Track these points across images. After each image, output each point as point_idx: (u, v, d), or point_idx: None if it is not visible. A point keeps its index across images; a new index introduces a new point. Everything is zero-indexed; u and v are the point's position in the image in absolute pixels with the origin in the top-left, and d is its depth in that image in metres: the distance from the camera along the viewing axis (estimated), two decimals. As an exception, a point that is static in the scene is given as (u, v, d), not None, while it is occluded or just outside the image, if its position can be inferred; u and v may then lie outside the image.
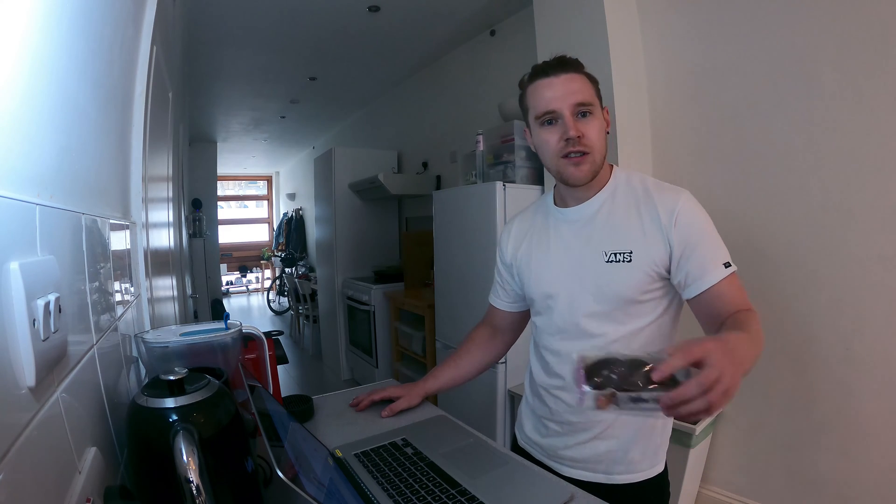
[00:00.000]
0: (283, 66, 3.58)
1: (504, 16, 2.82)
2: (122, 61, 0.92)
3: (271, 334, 1.04)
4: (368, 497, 0.68)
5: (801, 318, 1.60)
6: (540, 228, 0.98)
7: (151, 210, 1.21)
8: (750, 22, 1.67)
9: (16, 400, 0.36)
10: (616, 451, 0.89)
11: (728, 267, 0.82)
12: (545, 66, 0.86)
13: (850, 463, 1.51)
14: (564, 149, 0.84)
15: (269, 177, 9.70)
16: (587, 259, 0.88)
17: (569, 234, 0.92)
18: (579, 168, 0.84)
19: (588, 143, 0.83)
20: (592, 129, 0.84)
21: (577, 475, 0.91)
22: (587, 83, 0.86)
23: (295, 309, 5.74)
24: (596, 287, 0.86)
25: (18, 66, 0.42)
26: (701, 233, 0.83)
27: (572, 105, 0.83)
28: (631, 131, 1.89)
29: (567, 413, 0.92)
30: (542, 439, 0.97)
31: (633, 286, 0.84)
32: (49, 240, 0.45)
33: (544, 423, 0.96)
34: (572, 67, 0.85)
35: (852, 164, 1.47)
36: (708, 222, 0.85)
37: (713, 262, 0.81)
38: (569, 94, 0.83)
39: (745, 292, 0.82)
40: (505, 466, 0.80)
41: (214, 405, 0.57)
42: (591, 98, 0.85)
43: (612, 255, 0.85)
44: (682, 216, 0.83)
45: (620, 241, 0.85)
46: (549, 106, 0.84)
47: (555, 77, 0.84)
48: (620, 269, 0.84)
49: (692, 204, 0.85)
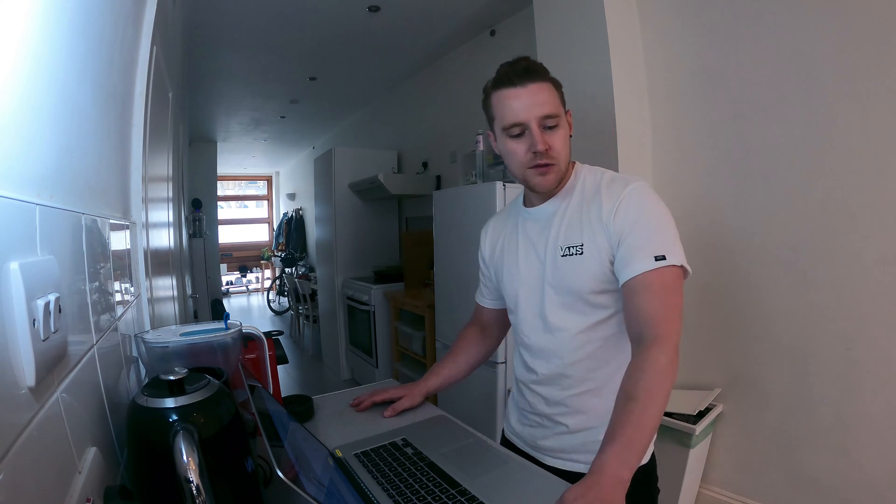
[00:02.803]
0: (283, 66, 3.58)
1: (504, 16, 2.82)
2: (122, 61, 0.92)
3: (271, 334, 1.04)
4: (368, 497, 0.68)
5: (801, 318, 1.60)
6: (511, 229, 1.02)
7: (151, 210, 1.21)
8: (750, 22, 1.67)
9: (16, 400, 0.36)
10: (591, 442, 0.88)
11: (661, 260, 0.78)
12: (511, 73, 0.85)
13: (850, 463, 1.50)
14: (532, 161, 0.86)
15: (269, 177, 9.70)
16: (548, 254, 0.91)
17: (534, 232, 0.96)
18: (545, 178, 0.88)
19: (554, 154, 0.86)
20: (558, 139, 0.86)
21: (559, 465, 0.93)
22: (553, 92, 0.86)
23: (295, 309, 5.74)
24: (556, 279, 0.90)
25: (18, 65, 0.42)
26: (637, 221, 0.82)
27: (539, 118, 0.84)
28: (631, 131, 1.89)
29: (542, 406, 0.95)
30: (524, 430, 1.00)
31: (587, 278, 0.86)
32: (49, 240, 0.45)
33: (526, 416, 1.00)
34: (539, 76, 0.85)
35: (852, 164, 1.47)
36: (655, 212, 0.83)
37: (643, 251, 0.79)
38: (536, 107, 0.83)
39: (675, 297, 0.78)
40: (505, 466, 0.80)
41: (214, 405, 0.57)
42: (557, 108, 0.86)
43: (566, 249, 0.89)
44: (623, 205, 0.84)
45: (573, 235, 0.88)
46: (517, 118, 0.84)
47: (521, 88, 0.84)
48: (574, 261, 0.87)
49: (638, 193, 0.84)
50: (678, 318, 0.78)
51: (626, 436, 0.66)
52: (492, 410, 2.10)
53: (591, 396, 0.90)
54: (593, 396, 0.90)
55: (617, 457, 0.64)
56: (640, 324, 0.78)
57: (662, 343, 0.74)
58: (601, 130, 1.85)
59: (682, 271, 0.81)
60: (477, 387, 2.15)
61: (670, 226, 0.83)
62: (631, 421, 0.68)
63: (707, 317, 1.84)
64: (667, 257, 0.78)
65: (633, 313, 0.80)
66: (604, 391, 0.88)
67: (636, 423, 0.68)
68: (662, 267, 0.78)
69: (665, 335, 0.75)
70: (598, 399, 0.89)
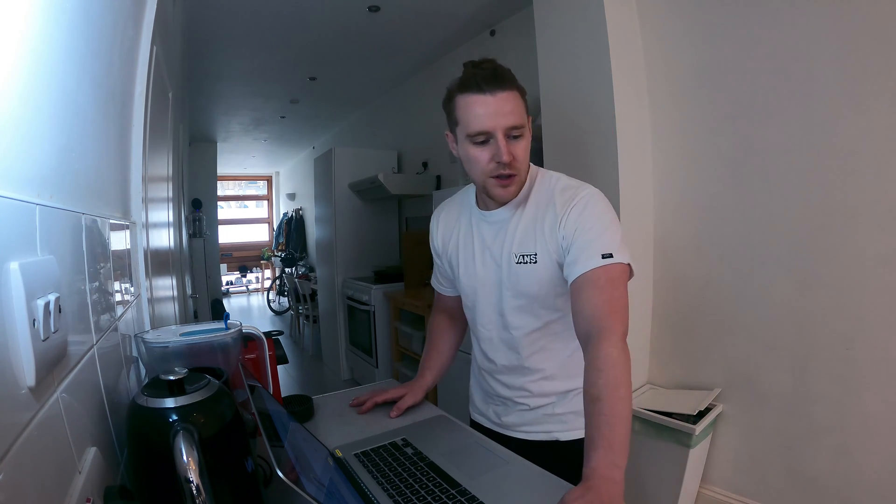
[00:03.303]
0: (283, 66, 3.57)
1: (504, 16, 2.82)
2: (122, 61, 0.92)
3: (271, 334, 1.04)
4: (368, 497, 0.68)
5: (801, 318, 1.60)
6: (465, 226, 1.03)
7: (151, 210, 1.21)
8: (750, 22, 1.67)
9: (16, 400, 0.36)
10: (549, 415, 0.98)
11: (608, 258, 0.80)
12: (479, 78, 0.82)
13: (850, 463, 1.51)
14: (495, 170, 0.86)
15: (269, 177, 9.69)
16: (503, 260, 0.94)
17: (489, 235, 0.97)
18: (507, 189, 0.89)
19: (518, 165, 0.86)
20: (522, 149, 0.86)
21: (522, 436, 1.00)
22: (519, 100, 0.85)
23: (295, 309, 5.74)
24: (511, 285, 0.93)
25: (18, 65, 0.42)
26: (584, 225, 0.84)
27: (506, 128, 0.83)
28: (631, 132, 1.89)
29: (503, 390, 1.02)
30: (489, 409, 1.07)
31: (541, 284, 0.90)
32: (49, 240, 0.45)
33: (490, 397, 1.06)
34: (507, 83, 0.83)
35: (852, 164, 1.46)
36: (603, 215, 0.85)
37: (590, 250, 0.82)
38: (502, 116, 0.82)
39: (620, 290, 0.80)
40: (505, 466, 0.80)
41: (214, 405, 0.57)
42: (522, 118, 0.85)
43: (520, 258, 0.92)
44: (573, 211, 0.86)
45: (527, 244, 0.91)
46: (483, 127, 0.83)
47: (490, 95, 0.82)
48: (528, 269, 0.91)
49: (587, 199, 0.86)
50: (624, 310, 0.80)
51: (604, 438, 0.68)
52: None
53: (547, 381, 0.96)
54: (549, 381, 0.96)
55: (603, 460, 0.66)
56: (588, 319, 0.79)
57: (609, 336, 0.76)
58: (601, 131, 1.85)
59: (628, 270, 0.83)
60: (477, 387, 2.15)
61: (616, 229, 0.85)
62: (603, 422, 0.69)
63: (707, 317, 1.84)
64: (614, 255, 0.81)
65: (579, 309, 0.81)
66: (559, 375, 0.96)
67: (608, 422, 0.69)
68: (609, 264, 0.80)
69: (611, 327, 0.77)
70: (554, 382, 0.96)
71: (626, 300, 0.81)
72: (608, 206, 0.88)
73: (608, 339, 0.75)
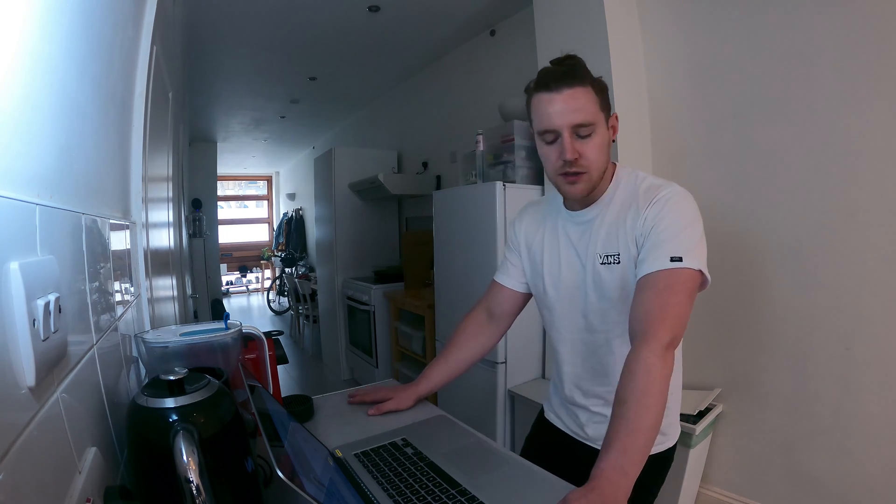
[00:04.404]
0: (283, 66, 3.57)
1: (504, 16, 2.82)
2: (122, 61, 0.92)
3: (271, 334, 1.04)
4: (368, 497, 0.68)
5: (801, 318, 1.60)
6: (552, 227, 1.01)
7: (151, 210, 1.21)
8: (750, 21, 1.67)
9: (16, 400, 0.36)
10: None
11: (676, 261, 0.77)
12: (550, 75, 0.83)
13: (850, 463, 1.51)
14: (562, 168, 0.85)
15: (269, 177, 9.69)
16: (588, 260, 0.93)
17: (575, 235, 0.96)
18: (574, 187, 0.87)
19: (585, 163, 0.84)
20: (591, 148, 0.84)
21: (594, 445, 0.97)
22: (591, 97, 0.83)
23: (295, 309, 5.73)
24: (595, 285, 0.91)
25: (18, 65, 0.42)
26: (660, 224, 0.82)
27: (571, 125, 0.82)
28: (631, 131, 1.89)
29: (579, 397, 0.99)
30: (568, 417, 1.04)
31: (624, 285, 0.88)
32: (49, 240, 0.45)
33: (566, 405, 1.04)
34: (578, 80, 0.82)
35: (853, 163, 1.47)
36: (682, 216, 0.82)
37: (660, 251, 0.79)
38: (569, 114, 0.81)
39: (679, 297, 0.76)
40: (505, 466, 0.80)
41: (214, 405, 0.57)
42: (593, 116, 0.83)
43: (605, 258, 0.90)
44: (652, 209, 0.84)
45: (611, 244, 0.89)
46: (550, 125, 0.83)
47: (556, 93, 0.81)
48: (613, 269, 0.89)
49: (668, 197, 0.84)
50: (676, 318, 0.75)
51: (620, 441, 0.66)
52: (492, 410, 2.10)
53: None
54: None
55: (614, 463, 0.65)
56: (636, 321, 0.77)
57: (651, 341, 0.73)
58: (601, 130, 1.85)
59: (699, 276, 0.79)
60: (477, 387, 2.15)
61: (693, 232, 0.81)
62: (624, 426, 0.68)
63: (707, 317, 1.84)
64: (683, 259, 0.77)
65: (633, 309, 0.79)
66: None
67: (628, 427, 0.67)
68: (676, 268, 0.77)
69: (655, 333, 0.73)
70: None
71: (685, 308, 0.77)
72: (691, 207, 0.84)
73: (649, 345, 0.73)
